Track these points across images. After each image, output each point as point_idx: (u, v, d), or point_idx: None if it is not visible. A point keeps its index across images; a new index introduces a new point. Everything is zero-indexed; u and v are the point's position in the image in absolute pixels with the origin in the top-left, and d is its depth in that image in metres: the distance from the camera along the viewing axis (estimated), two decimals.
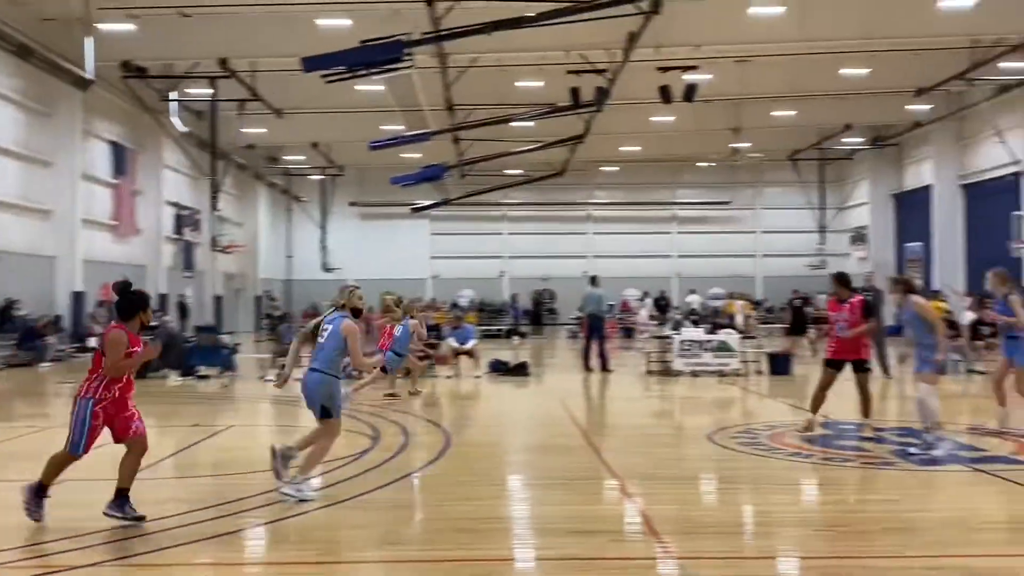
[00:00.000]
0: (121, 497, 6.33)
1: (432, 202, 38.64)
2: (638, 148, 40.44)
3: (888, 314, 20.25)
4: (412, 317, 14.88)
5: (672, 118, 33.21)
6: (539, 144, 32.78)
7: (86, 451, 6.36)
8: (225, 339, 20.79)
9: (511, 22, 18.95)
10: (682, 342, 18.02)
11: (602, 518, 6.74)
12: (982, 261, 34.07)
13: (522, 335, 35.15)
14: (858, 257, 42.65)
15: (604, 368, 18.81)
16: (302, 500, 6.90)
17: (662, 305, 38.07)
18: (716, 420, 12.09)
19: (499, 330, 37.17)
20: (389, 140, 29.10)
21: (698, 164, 45.16)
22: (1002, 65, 27.73)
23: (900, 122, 36.54)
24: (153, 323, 8.77)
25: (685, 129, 36.23)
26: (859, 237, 43.14)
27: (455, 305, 36.42)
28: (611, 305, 35.13)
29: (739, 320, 27.65)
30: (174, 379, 18.07)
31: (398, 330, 14.42)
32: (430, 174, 32.27)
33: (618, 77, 24.99)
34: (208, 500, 7.01)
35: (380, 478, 8.00)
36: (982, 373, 17.57)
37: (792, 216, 45.76)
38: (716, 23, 24.50)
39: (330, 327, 7.31)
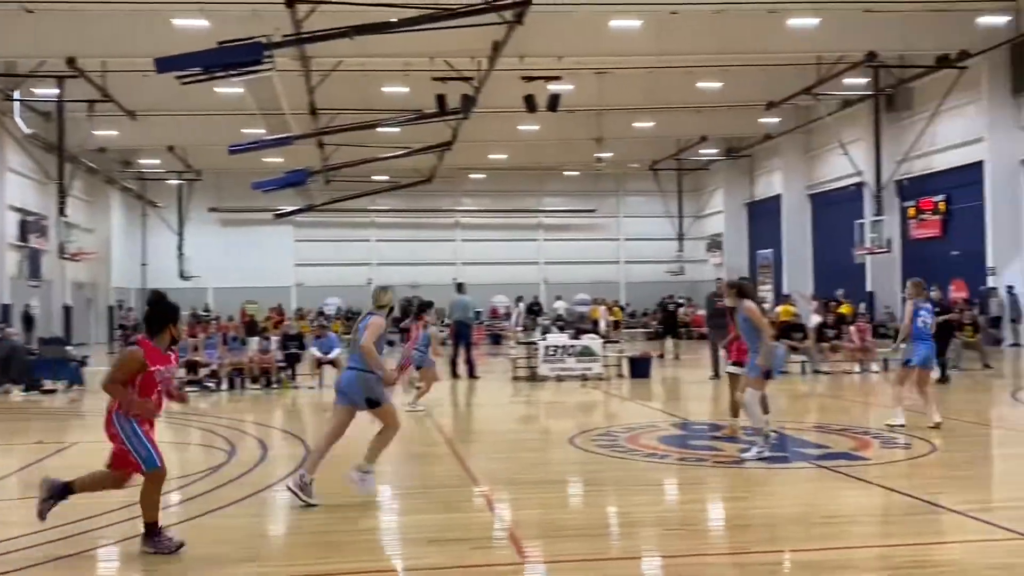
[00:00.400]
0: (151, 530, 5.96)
1: (296, 208, 37.88)
2: (505, 156, 40.85)
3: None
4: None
5: (537, 127, 33.71)
6: (406, 150, 32.65)
7: (161, 460, 5.96)
8: (72, 351, 19.78)
9: (374, 27, 18.83)
10: (547, 347, 18.28)
11: (464, 526, 6.76)
12: (828, 266, 36.11)
13: (390, 343, 34.81)
14: (714, 263, 44.35)
15: (471, 375, 18.89)
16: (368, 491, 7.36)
17: (535, 311, 38.51)
18: (578, 424, 12.32)
19: None
20: (250, 144, 28.37)
21: (564, 172, 45.97)
22: (845, 81, 29.43)
23: (752, 134, 38.25)
24: None
25: (550, 138, 36.85)
26: (715, 244, 44.86)
27: (321, 313, 35.78)
28: (478, 312, 35.30)
29: (602, 325, 28.34)
30: (17, 394, 17.06)
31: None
32: (293, 179, 31.64)
33: (484, 85, 25.18)
34: (52, 521, 6.64)
35: (237, 492, 7.78)
36: (827, 373, 18.57)
37: (653, 224, 47.14)
38: (577, 35, 25.06)
39: (362, 326, 7.58)
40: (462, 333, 19.28)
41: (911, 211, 31.17)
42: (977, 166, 27.46)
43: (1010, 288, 26.19)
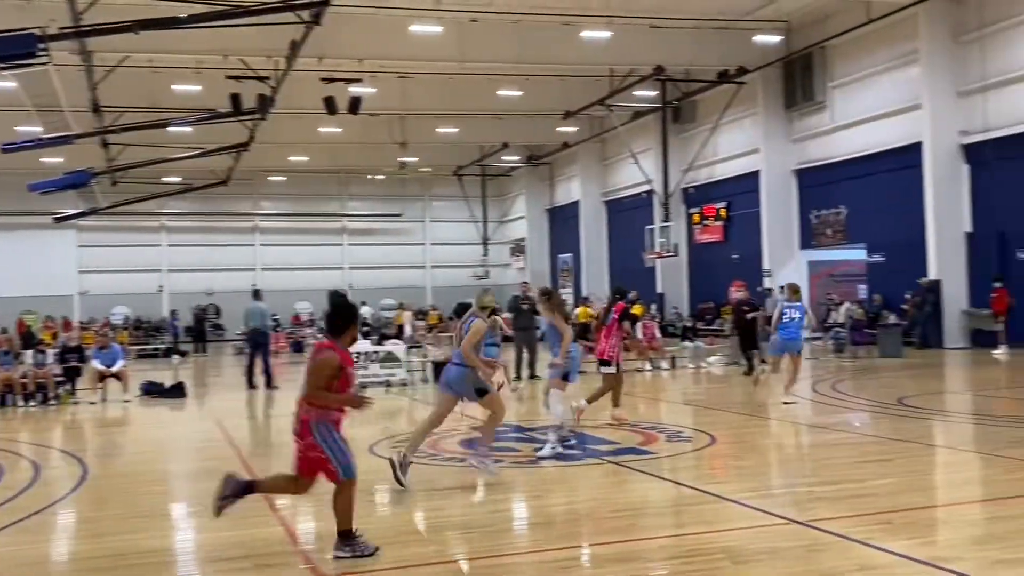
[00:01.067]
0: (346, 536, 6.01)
1: (78, 211, 35.40)
2: (306, 158, 39.97)
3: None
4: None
5: (339, 129, 33.20)
6: (200, 151, 31.28)
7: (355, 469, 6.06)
8: None
9: (161, 22, 17.92)
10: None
11: (249, 543, 6.50)
12: (622, 269, 37.63)
13: (183, 353, 33.24)
14: (517, 267, 45.28)
15: (269, 385, 18.30)
16: (490, 472, 8.17)
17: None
18: (381, 431, 12.19)
19: (157, 349, 34.86)
20: (24, 143, 26.19)
21: (368, 176, 45.53)
22: (636, 93, 30.81)
23: (551, 142, 39.37)
24: None
25: (353, 141, 36.42)
26: (518, 249, 45.83)
27: (107, 323, 33.66)
28: (276, 319, 34.33)
29: (408, 330, 28.24)
30: None
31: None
32: (74, 180, 29.48)
33: (282, 85, 24.51)
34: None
35: (4, 518, 7.15)
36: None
37: (458, 228, 47.56)
38: (378, 38, 24.88)
39: (466, 327, 8.39)
40: (258, 342, 18.65)
41: (696, 217, 33.06)
42: (754, 175, 29.49)
43: (782, 288, 28.27)
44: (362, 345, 18.78)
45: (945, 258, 22.88)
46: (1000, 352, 20.34)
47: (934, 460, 9.25)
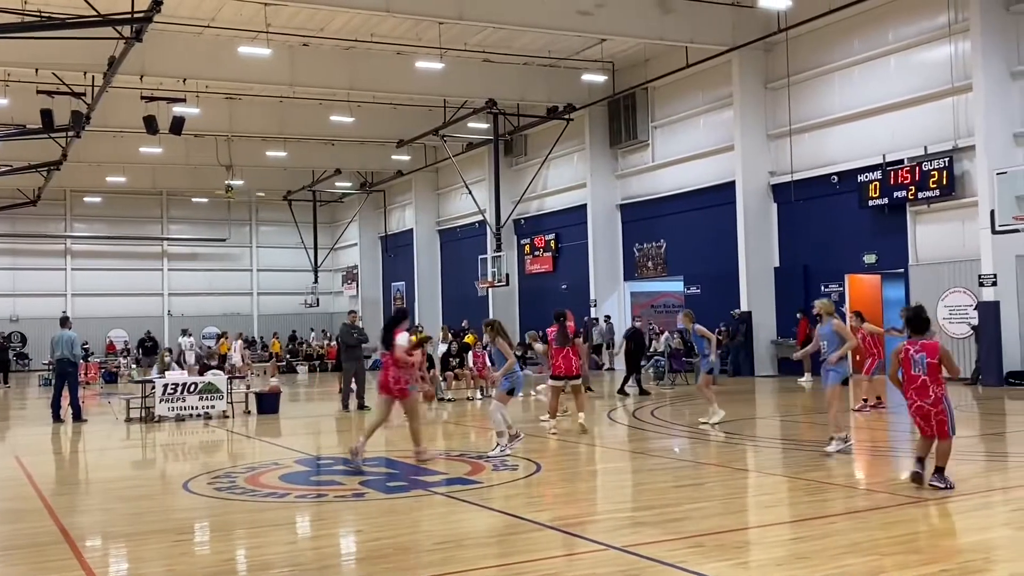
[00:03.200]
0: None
1: None
2: (124, 179, 38.09)
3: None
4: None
5: (160, 150, 31.85)
6: (7, 168, 29.24)
7: None
8: None
9: None
10: (165, 385, 17.15)
11: None
12: (455, 298, 37.87)
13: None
14: (349, 295, 44.69)
15: (77, 418, 17.17)
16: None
17: (148, 347, 35.99)
18: (197, 466, 11.67)
19: None
20: None
21: (192, 199, 43.83)
22: (469, 124, 31.23)
23: (385, 170, 39.25)
24: None
25: (176, 162, 35.05)
26: (350, 276, 45.25)
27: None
28: (87, 348, 32.43)
29: (236, 359, 27.21)
30: None
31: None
32: None
33: (98, 102, 23.31)
34: None
35: None
36: (451, 400, 19.35)
37: (288, 255, 46.49)
38: (204, 58, 24.15)
39: None
40: (66, 372, 17.48)
41: (527, 248, 33.73)
42: (582, 208, 30.41)
43: (608, 318, 29.24)
44: (178, 376, 17.97)
45: (755, 291, 24.31)
46: (804, 380, 21.73)
47: (744, 483, 9.73)
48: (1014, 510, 7.85)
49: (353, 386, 18.03)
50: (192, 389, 17.19)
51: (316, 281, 46.54)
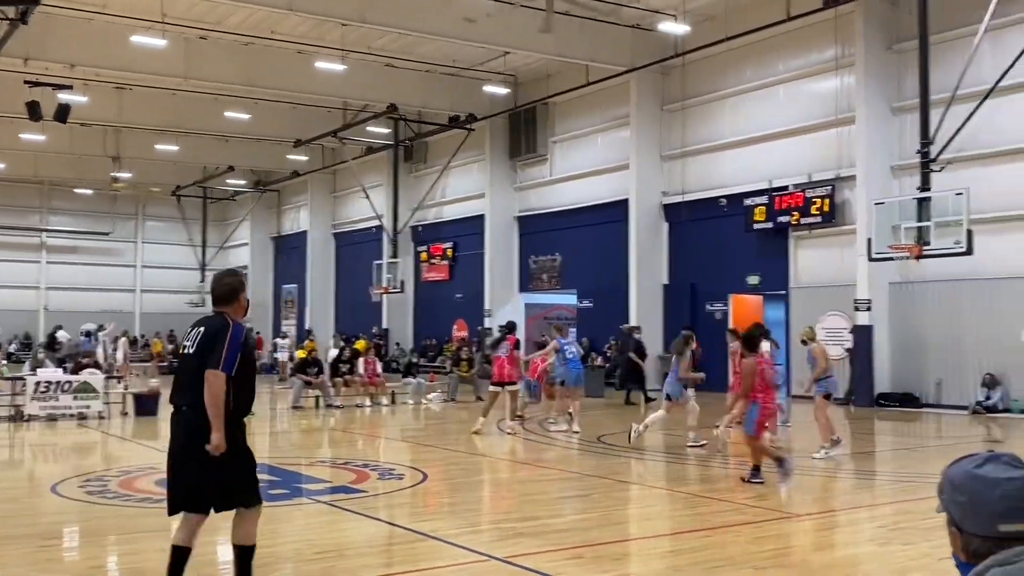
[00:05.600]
0: None
1: None
2: (3, 166, 36.27)
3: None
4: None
5: (44, 137, 30.45)
6: None
7: None
8: None
9: None
10: (37, 383, 16.39)
11: None
12: (349, 303, 37.42)
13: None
14: None
15: None
16: None
17: (27, 343, 34.36)
18: (68, 468, 11.19)
19: None
20: None
21: (75, 190, 42.02)
22: (369, 128, 30.97)
23: (281, 169, 38.50)
24: None
25: (60, 151, 33.57)
26: None
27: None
28: None
29: (120, 357, 26.14)
30: None
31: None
32: None
33: None
34: None
35: None
36: (340, 407, 19.10)
37: (174, 252, 45.02)
38: (94, 45, 23.27)
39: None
40: None
41: (424, 255, 33.61)
42: (480, 218, 30.50)
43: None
44: (52, 374, 17.22)
45: (644, 306, 24.83)
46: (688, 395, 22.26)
47: (627, 496, 9.92)
48: (879, 527, 8.23)
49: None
50: (66, 388, 16.48)
51: (203, 280, 45.17)
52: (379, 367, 21.14)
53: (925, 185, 16.31)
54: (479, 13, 21.78)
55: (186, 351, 5.18)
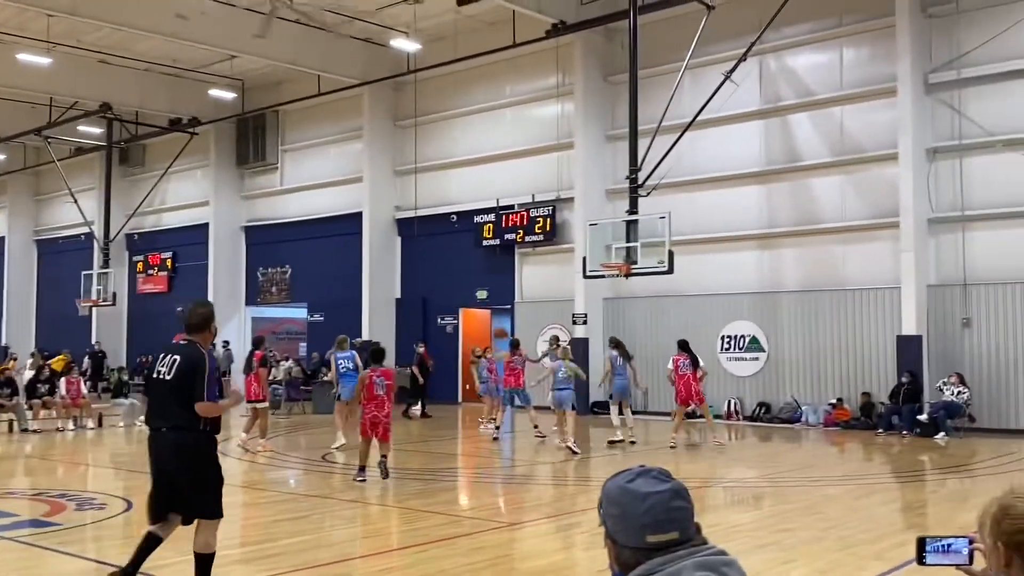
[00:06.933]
0: None
1: None
2: None
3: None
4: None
5: None
6: None
7: None
8: None
9: None
10: None
11: None
12: (53, 317, 34.30)
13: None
14: None
15: None
16: None
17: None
18: None
19: None
20: None
21: None
22: (79, 128, 28.63)
23: None
24: None
25: None
26: None
27: None
28: None
29: None
30: None
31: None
32: None
33: None
34: None
35: None
36: (37, 432, 17.41)
37: None
38: None
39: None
40: None
41: (140, 265, 31.54)
42: (204, 227, 29.10)
43: (226, 343, 28.15)
44: None
45: (377, 320, 24.80)
46: (417, 409, 22.45)
47: (348, 514, 9.79)
48: (584, 531, 8.68)
49: None
50: None
51: None
52: (84, 387, 19.50)
53: (633, 208, 17.51)
54: (192, 11, 20.82)
55: (161, 376, 5.71)
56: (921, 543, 2.41)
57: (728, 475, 12.53)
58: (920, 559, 2.41)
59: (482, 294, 23.90)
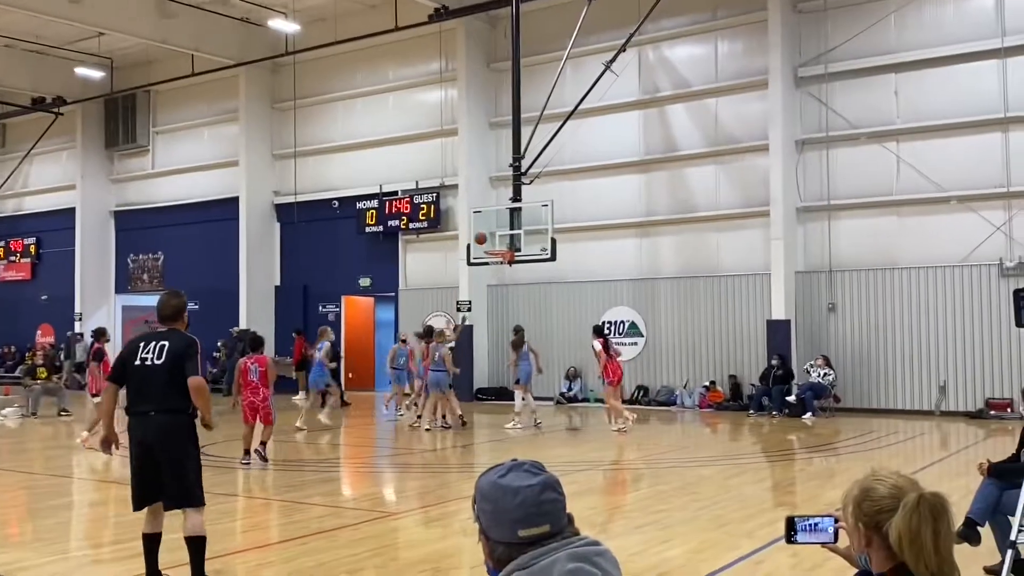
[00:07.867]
0: None
1: None
2: None
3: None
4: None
5: None
6: None
7: None
8: None
9: None
10: None
11: None
12: None
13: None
14: None
15: None
16: None
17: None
18: None
19: None
20: None
21: None
22: None
23: None
24: None
25: None
26: None
27: None
28: None
29: None
30: None
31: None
32: None
33: None
34: None
35: None
36: None
37: None
38: None
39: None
40: None
41: (1, 251, 29.88)
42: (70, 212, 27.77)
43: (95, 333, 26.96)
44: None
45: (255, 308, 24.21)
46: (299, 398, 22.04)
47: (226, 508, 9.52)
48: (467, 518, 8.70)
49: None
50: None
51: None
52: None
53: (516, 196, 17.61)
54: None
55: (149, 362, 5.73)
56: (790, 522, 2.51)
57: (607, 457, 12.79)
58: (789, 538, 2.51)
59: (365, 281, 23.63)
